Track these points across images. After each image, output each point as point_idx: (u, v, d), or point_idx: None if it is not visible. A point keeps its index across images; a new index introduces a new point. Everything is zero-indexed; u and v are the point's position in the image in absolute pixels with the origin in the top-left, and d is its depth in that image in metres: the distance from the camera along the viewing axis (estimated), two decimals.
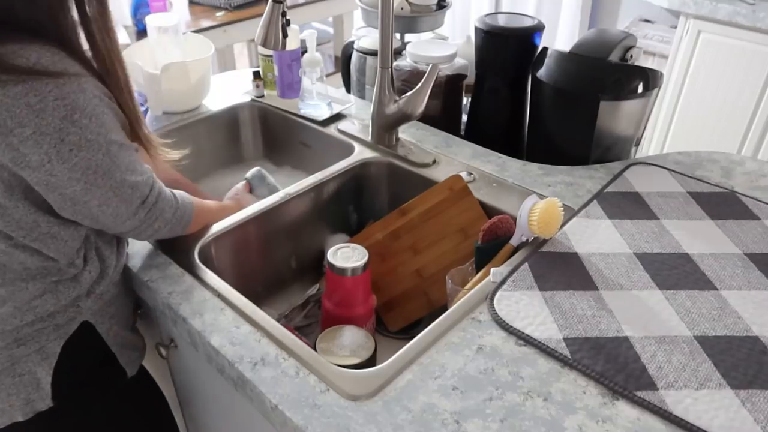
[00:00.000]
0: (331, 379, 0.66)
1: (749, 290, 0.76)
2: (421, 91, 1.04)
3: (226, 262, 0.93)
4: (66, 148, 0.59)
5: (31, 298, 0.70)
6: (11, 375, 0.73)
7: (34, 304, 0.71)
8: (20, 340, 0.72)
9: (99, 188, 0.64)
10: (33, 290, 0.70)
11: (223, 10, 2.37)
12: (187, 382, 0.97)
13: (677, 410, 0.60)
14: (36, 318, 0.71)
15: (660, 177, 1.00)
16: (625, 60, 1.05)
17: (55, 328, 0.74)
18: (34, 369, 0.73)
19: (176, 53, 1.27)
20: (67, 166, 0.59)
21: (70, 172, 0.60)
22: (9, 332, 0.71)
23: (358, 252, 0.84)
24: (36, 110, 0.56)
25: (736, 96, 2.08)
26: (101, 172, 0.63)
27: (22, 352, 0.72)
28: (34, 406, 0.74)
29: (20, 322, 0.71)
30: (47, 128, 0.57)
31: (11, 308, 0.70)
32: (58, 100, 0.57)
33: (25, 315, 0.71)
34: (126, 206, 0.68)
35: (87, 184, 0.62)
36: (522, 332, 0.70)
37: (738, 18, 1.97)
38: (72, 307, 0.74)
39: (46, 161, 0.58)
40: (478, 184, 1.00)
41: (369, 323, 0.87)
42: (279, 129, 1.30)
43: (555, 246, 0.83)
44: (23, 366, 0.73)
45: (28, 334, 0.72)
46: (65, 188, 0.61)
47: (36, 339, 0.73)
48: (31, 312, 0.71)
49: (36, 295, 0.70)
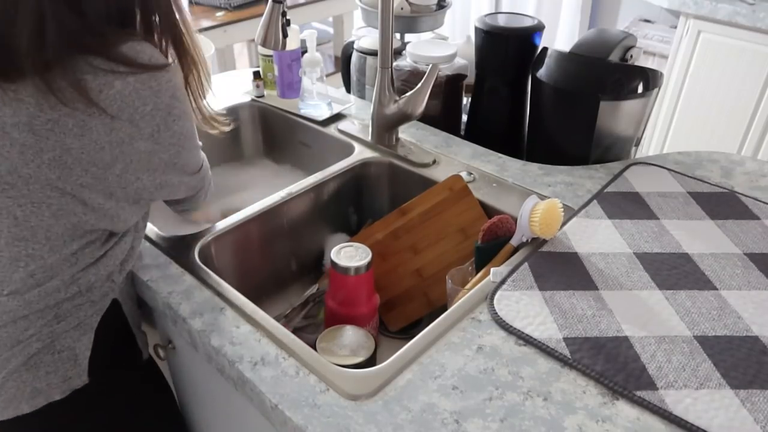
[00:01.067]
0: (331, 379, 0.66)
1: (749, 290, 0.76)
2: (421, 91, 1.04)
3: (226, 261, 0.94)
4: (171, 119, 0.71)
5: (77, 271, 0.73)
6: (51, 352, 0.74)
7: (77, 276, 0.73)
8: (60, 316, 0.73)
9: (185, 150, 0.76)
10: (81, 264, 0.73)
11: (223, 10, 2.37)
12: (186, 382, 0.97)
13: (677, 410, 0.60)
14: (78, 291, 0.74)
15: (660, 177, 1.00)
16: (625, 60, 1.05)
17: (91, 303, 0.76)
18: (72, 345, 0.75)
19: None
20: (169, 133, 0.72)
21: (170, 138, 0.72)
22: (51, 308, 0.73)
23: (361, 251, 0.84)
24: (155, 91, 0.68)
25: (736, 96, 2.08)
26: (187, 137, 0.76)
27: (62, 327, 0.74)
28: (71, 383, 0.76)
29: (64, 295, 0.73)
30: (161, 104, 0.69)
31: (58, 282, 0.72)
32: (170, 83, 0.70)
33: (69, 288, 0.73)
34: (194, 165, 0.80)
35: (178, 147, 0.74)
36: (522, 332, 0.70)
37: (738, 18, 1.97)
38: (108, 282, 0.77)
39: (156, 131, 0.70)
40: (478, 184, 1.00)
41: (372, 322, 0.87)
42: (279, 129, 1.30)
43: (555, 246, 0.83)
44: (62, 342, 0.74)
45: (68, 309, 0.74)
46: (164, 153, 0.73)
47: (75, 314, 0.74)
48: (75, 284, 0.73)
49: (81, 269, 0.73)
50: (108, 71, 0.65)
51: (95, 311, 0.77)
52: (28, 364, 0.73)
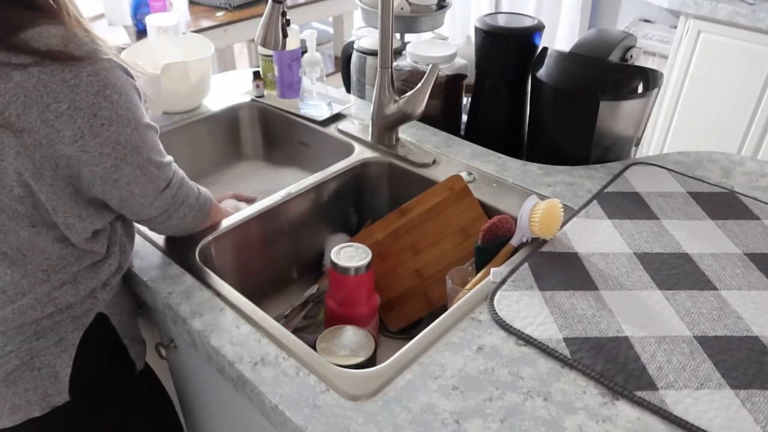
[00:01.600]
0: (331, 379, 0.66)
1: (749, 290, 0.76)
2: (421, 91, 1.04)
3: (226, 262, 0.94)
4: (98, 123, 0.61)
5: (52, 290, 0.70)
6: (30, 369, 0.72)
7: (54, 295, 0.71)
8: (39, 333, 0.72)
9: (128, 165, 0.66)
10: (54, 281, 0.70)
11: (223, 10, 2.37)
12: (187, 382, 0.97)
13: (677, 410, 0.60)
14: (56, 309, 0.71)
15: (660, 177, 1.00)
16: (625, 60, 1.05)
17: (73, 319, 0.74)
18: (53, 361, 0.73)
19: (176, 53, 1.27)
20: (98, 141, 0.62)
21: (101, 146, 0.62)
22: (28, 325, 0.71)
23: (361, 251, 0.84)
24: (71, 85, 0.58)
25: (736, 96, 2.08)
26: (130, 148, 0.65)
27: (41, 344, 0.72)
28: (51, 400, 0.74)
29: (40, 314, 0.71)
30: (81, 103, 0.59)
31: (31, 300, 0.69)
32: (92, 76, 0.59)
33: (45, 306, 0.70)
34: (153, 186, 0.70)
35: (116, 160, 0.64)
36: (522, 332, 0.70)
37: (738, 18, 1.97)
38: (89, 299, 0.74)
39: (79, 136, 0.60)
40: (478, 184, 1.00)
41: (372, 322, 0.87)
42: (279, 129, 1.30)
43: (555, 246, 0.83)
44: (42, 359, 0.73)
45: (47, 326, 0.72)
46: (96, 164, 0.63)
47: (55, 331, 0.73)
48: (51, 303, 0.71)
49: (56, 287, 0.71)
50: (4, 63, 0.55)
51: (77, 327, 0.74)
52: (7, 380, 0.71)
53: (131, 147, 0.65)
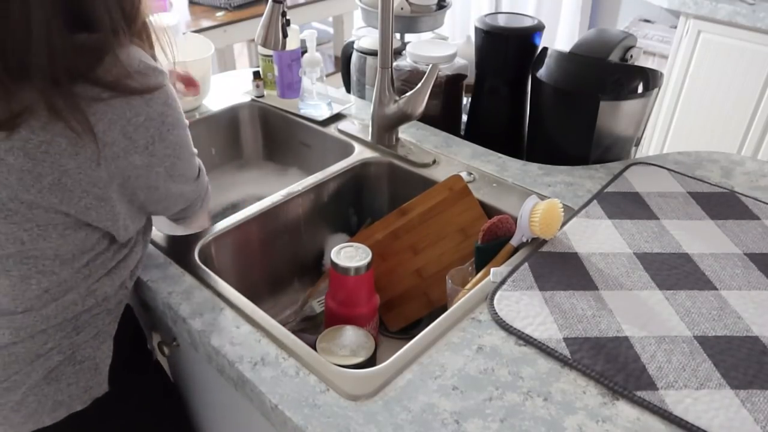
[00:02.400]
0: (331, 379, 0.66)
1: (749, 290, 0.76)
2: (421, 91, 1.04)
3: (226, 262, 0.94)
4: (165, 128, 0.69)
5: (92, 283, 0.72)
6: (72, 363, 0.74)
7: (93, 288, 0.72)
8: (79, 328, 0.73)
9: (181, 160, 0.74)
10: (95, 276, 0.72)
11: (223, 10, 2.37)
12: (187, 382, 0.97)
13: (677, 410, 0.60)
14: (95, 303, 0.73)
15: (660, 177, 1.00)
16: (625, 60, 1.05)
17: (107, 312, 0.76)
18: (93, 354, 0.75)
19: (176, 53, 1.27)
20: (164, 144, 0.69)
21: (165, 149, 0.70)
22: (69, 320, 0.72)
23: (361, 251, 0.84)
24: (146, 100, 0.66)
25: (736, 96, 2.08)
26: (183, 145, 0.73)
27: (81, 338, 0.74)
28: (92, 392, 0.76)
29: (81, 308, 0.72)
30: (153, 113, 0.67)
31: (74, 295, 0.71)
32: (161, 89, 0.68)
33: (86, 300, 0.72)
34: (192, 170, 0.78)
35: (175, 158, 0.72)
36: (522, 332, 0.70)
37: (738, 18, 1.97)
38: (121, 290, 0.76)
39: (150, 142, 0.68)
40: (478, 184, 1.00)
41: (372, 322, 0.87)
42: (279, 129, 1.30)
43: (555, 246, 0.83)
44: (83, 352, 0.74)
45: (86, 320, 0.74)
46: (160, 165, 0.70)
47: (93, 324, 0.74)
48: (92, 296, 0.73)
49: (96, 280, 0.73)
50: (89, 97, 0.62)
51: (112, 319, 0.77)
52: (49, 377, 0.73)
53: (183, 144, 0.73)
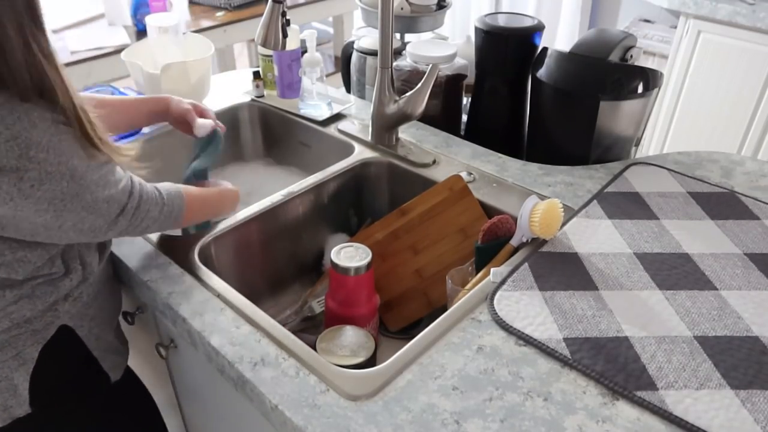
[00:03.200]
0: (331, 379, 0.66)
1: (749, 290, 0.76)
2: (421, 91, 1.04)
3: (226, 262, 0.93)
4: (27, 185, 0.59)
5: (6, 305, 0.69)
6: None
7: (9, 310, 0.69)
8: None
9: (70, 212, 0.63)
10: (9, 297, 0.69)
11: (223, 10, 2.37)
12: (187, 382, 0.97)
13: (677, 410, 0.60)
14: (12, 324, 0.70)
15: (660, 177, 1.00)
16: (625, 60, 1.05)
17: (32, 333, 0.72)
18: (11, 375, 0.72)
19: (176, 53, 1.27)
20: (31, 201, 0.60)
21: (35, 205, 0.60)
22: None
23: (361, 251, 0.84)
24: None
25: (736, 96, 2.08)
26: (69, 198, 0.62)
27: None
28: (11, 412, 0.74)
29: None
30: (3, 168, 0.57)
31: None
32: (10, 141, 0.57)
33: (0, 321, 0.69)
34: (103, 219, 0.68)
35: (57, 212, 0.62)
36: (522, 332, 0.70)
37: (738, 18, 1.97)
38: (49, 312, 0.73)
39: (8, 199, 0.58)
40: (478, 184, 1.00)
41: (372, 322, 0.87)
42: (279, 129, 1.30)
43: (555, 246, 0.83)
44: (0, 372, 0.72)
45: (5, 340, 0.71)
46: (35, 218, 0.61)
47: (12, 345, 0.72)
48: (7, 318, 0.70)
49: (11, 302, 0.69)
50: None
51: (36, 341, 0.73)
52: None
53: (70, 197, 0.62)
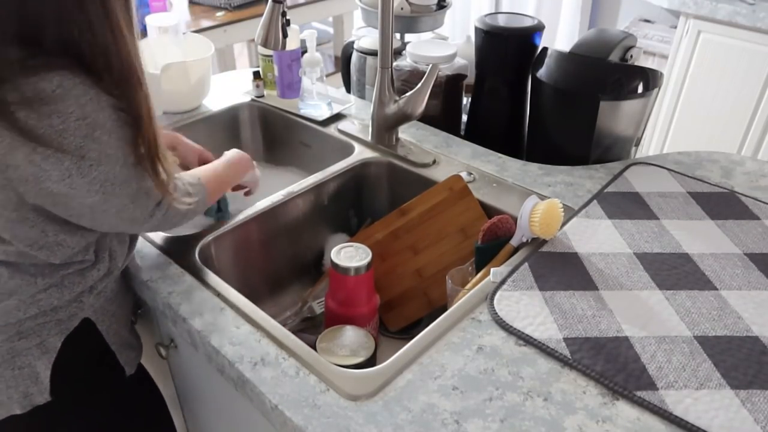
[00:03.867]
0: (331, 379, 0.66)
1: (749, 290, 0.76)
2: (421, 91, 1.04)
3: (226, 262, 0.93)
4: (86, 164, 0.62)
5: (37, 292, 0.71)
6: (11, 367, 0.73)
7: (38, 297, 0.71)
8: (22, 333, 0.73)
9: (117, 197, 0.66)
10: (40, 284, 0.71)
11: (223, 10, 2.37)
12: (187, 382, 0.97)
13: (677, 410, 0.60)
14: (39, 312, 0.72)
15: (660, 177, 1.00)
16: (625, 60, 1.05)
17: (56, 323, 0.74)
18: (33, 363, 0.74)
19: (176, 53, 1.27)
20: (86, 180, 0.63)
21: (89, 185, 0.63)
22: (12, 325, 0.72)
23: (361, 251, 0.84)
24: (58, 130, 0.59)
25: (736, 96, 2.08)
26: (118, 183, 0.66)
27: (23, 345, 0.73)
28: (32, 399, 0.75)
29: (23, 315, 0.71)
30: (68, 147, 0.60)
31: (16, 301, 0.70)
32: (80, 120, 0.60)
33: (28, 308, 0.71)
34: (141, 211, 0.70)
35: (105, 195, 0.65)
36: (522, 332, 0.70)
37: (738, 18, 1.97)
38: (75, 303, 0.75)
39: (67, 176, 0.61)
40: (478, 184, 1.00)
41: (372, 322, 0.87)
42: (279, 129, 1.30)
43: (555, 246, 0.83)
44: (23, 359, 0.74)
45: (30, 327, 0.73)
46: (85, 198, 0.64)
47: (37, 333, 0.74)
48: (35, 305, 0.72)
49: (42, 289, 0.71)
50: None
51: (60, 331, 0.75)
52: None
53: (119, 182, 0.66)
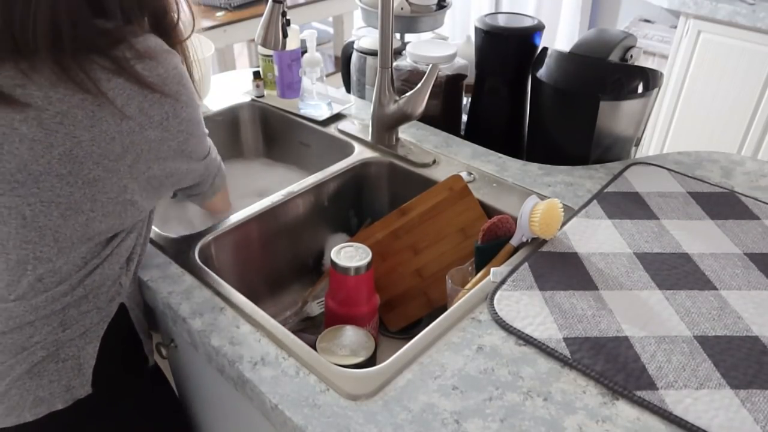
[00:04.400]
0: (331, 379, 0.66)
1: (749, 290, 0.76)
2: (421, 91, 1.04)
3: (226, 261, 0.94)
4: (180, 106, 0.72)
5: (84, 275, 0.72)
6: (55, 360, 0.73)
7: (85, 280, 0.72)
8: (65, 324, 0.72)
9: (192, 137, 0.77)
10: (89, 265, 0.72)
11: (223, 10, 2.37)
12: (187, 382, 0.97)
13: (677, 410, 0.60)
14: (85, 294, 0.73)
15: (660, 177, 1.00)
16: (625, 60, 1.05)
17: (98, 310, 0.75)
18: (77, 353, 0.74)
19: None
20: (178, 120, 0.73)
21: (179, 125, 0.73)
22: (57, 314, 0.71)
23: (361, 251, 0.84)
24: (163, 78, 0.70)
25: (736, 96, 2.08)
26: (195, 123, 0.77)
27: (67, 336, 0.73)
28: (74, 393, 0.74)
29: (71, 299, 0.72)
30: (169, 91, 0.71)
31: (66, 287, 0.71)
32: (176, 69, 0.72)
33: (75, 290, 0.72)
34: (202, 149, 0.81)
35: (187, 134, 0.75)
36: (522, 332, 0.70)
37: (738, 18, 1.97)
38: (114, 286, 0.76)
39: (164, 118, 0.71)
40: (478, 184, 1.00)
41: (372, 322, 0.87)
42: (279, 129, 1.30)
43: (555, 246, 0.83)
44: (67, 350, 0.73)
45: (74, 317, 0.73)
46: (173, 140, 0.73)
47: (81, 322, 0.73)
48: (81, 287, 0.72)
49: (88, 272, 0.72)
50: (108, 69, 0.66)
51: (101, 318, 0.76)
52: (32, 372, 0.72)
53: (196, 122, 0.77)
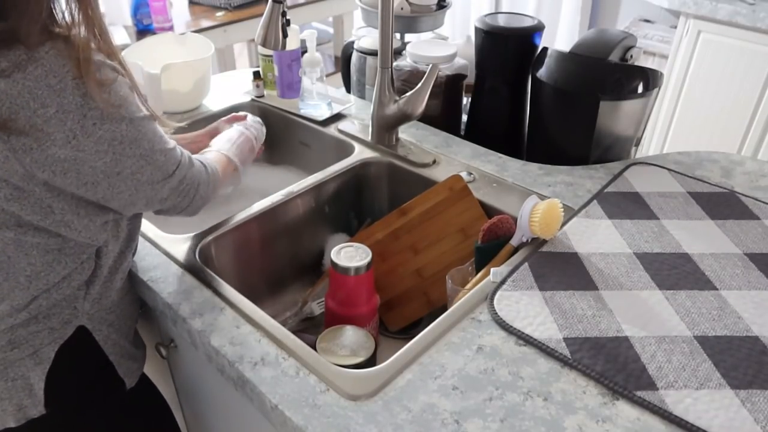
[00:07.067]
0: (331, 379, 0.66)
1: (749, 290, 0.76)
2: (421, 91, 1.04)
3: (226, 261, 0.94)
4: (89, 123, 0.60)
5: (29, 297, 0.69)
6: (4, 379, 0.71)
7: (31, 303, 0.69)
8: (14, 343, 0.70)
9: (128, 157, 0.65)
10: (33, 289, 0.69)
11: (223, 10, 2.37)
12: (187, 382, 0.97)
13: (677, 410, 0.60)
14: (30, 317, 0.70)
15: (660, 177, 1.00)
16: (625, 60, 1.05)
17: (50, 331, 0.72)
18: (27, 374, 0.72)
19: (176, 53, 1.27)
20: (92, 140, 0.61)
21: (96, 144, 0.61)
22: (4, 333, 0.70)
23: (361, 251, 0.84)
24: (57, 90, 0.58)
25: (736, 96, 2.08)
26: (128, 142, 0.64)
27: (15, 355, 0.71)
28: (26, 412, 0.73)
29: (15, 321, 0.69)
30: (69, 106, 0.58)
31: (7, 307, 0.68)
32: (77, 80, 0.59)
33: (19, 313, 0.69)
34: (161, 171, 0.69)
35: (115, 155, 0.63)
36: (522, 332, 0.70)
37: (738, 18, 1.97)
38: (68, 309, 0.73)
39: (71, 137, 0.60)
40: (478, 184, 1.00)
41: (372, 322, 0.87)
42: (279, 129, 1.30)
43: (555, 246, 0.83)
44: (16, 370, 0.71)
45: (23, 336, 0.71)
46: (95, 161, 0.62)
47: (30, 342, 0.71)
48: (26, 311, 0.69)
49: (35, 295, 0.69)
50: None
51: (53, 339, 0.72)
52: None
53: (129, 141, 0.64)
